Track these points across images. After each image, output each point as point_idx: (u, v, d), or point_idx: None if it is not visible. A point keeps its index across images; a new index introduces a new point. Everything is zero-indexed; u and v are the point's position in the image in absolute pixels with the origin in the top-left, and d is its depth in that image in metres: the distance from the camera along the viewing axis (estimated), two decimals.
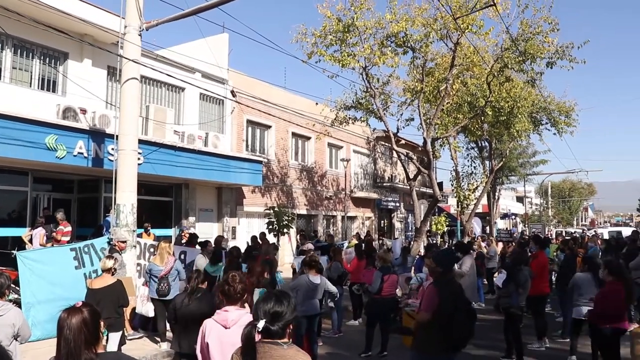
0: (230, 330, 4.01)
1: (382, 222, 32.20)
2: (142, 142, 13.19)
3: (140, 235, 12.78)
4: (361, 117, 21.28)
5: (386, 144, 29.15)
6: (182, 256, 11.41)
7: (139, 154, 12.04)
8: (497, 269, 15.49)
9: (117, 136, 10.64)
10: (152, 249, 11.02)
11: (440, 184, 31.48)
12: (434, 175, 20.16)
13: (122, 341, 7.96)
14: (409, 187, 21.59)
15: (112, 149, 12.05)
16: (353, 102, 20.26)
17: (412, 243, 19.32)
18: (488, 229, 34.70)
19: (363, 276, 10.91)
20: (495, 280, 13.15)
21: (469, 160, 31.04)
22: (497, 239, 23.41)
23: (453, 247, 17.89)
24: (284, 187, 22.72)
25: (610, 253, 13.24)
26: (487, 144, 30.97)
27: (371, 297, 9.62)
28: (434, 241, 25.86)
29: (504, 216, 53.52)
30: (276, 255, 13.57)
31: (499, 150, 30.90)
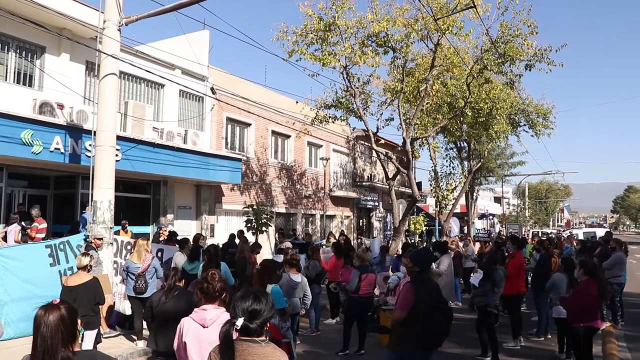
0: (208, 329, 3.99)
1: (361, 221, 32.27)
2: (121, 138, 13.07)
3: (117, 233, 12.69)
4: (341, 116, 21.31)
5: (366, 143, 29.24)
6: (160, 254, 11.31)
7: (117, 150, 11.94)
8: (474, 269, 15.62)
9: (95, 132, 10.54)
10: (129, 247, 10.93)
11: (419, 184, 31.70)
12: (412, 175, 20.27)
13: (97, 339, 7.89)
14: (388, 187, 21.70)
15: (90, 145, 11.91)
16: (333, 101, 20.28)
17: (390, 242, 19.41)
18: (466, 229, 35.01)
19: (341, 275, 10.94)
20: (471, 279, 13.25)
21: (447, 161, 31.30)
22: (475, 239, 23.62)
23: (431, 246, 18.02)
24: (263, 185, 22.67)
25: (585, 253, 13.42)
26: (465, 144, 31.28)
27: (349, 296, 9.64)
28: (412, 241, 26.02)
29: (481, 216, 54.00)
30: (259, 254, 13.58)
31: (477, 151, 31.19)
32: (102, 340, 8.54)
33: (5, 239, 11.85)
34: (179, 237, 13.32)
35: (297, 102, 21.47)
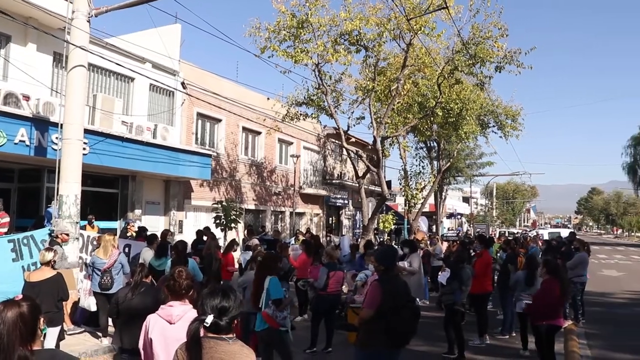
0: (174, 326, 3.95)
1: (330, 219, 32.33)
2: (89, 131, 12.86)
3: (83, 228, 12.48)
4: (312, 114, 21.32)
5: (336, 141, 29.24)
6: (127, 249, 11.16)
7: (85, 143, 11.76)
8: (441, 267, 15.78)
9: (62, 125, 10.35)
10: (95, 242, 10.75)
11: (389, 183, 31.90)
12: (382, 173, 20.37)
13: (60, 336, 7.73)
14: (357, 185, 21.76)
15: (57, 137, 11.67)
16: (305, 98, 20.27)
17: (359, 240, 19.49)
18: (434, 228, 35.37)
19: (309, 272, 10.94)
20: (439, 278, 13.38)
21: (417, 160, 31.55)
22: (443, 238, 23.86)
23: (400, 244, 18.15)
24: (232, 181, 22.54)
25: (550, 253, 13.67)
26: (435, 144, 31.60)
27: (317, 293, 9.64)
28: (381, 239, 26.15)
29: (450, 216, 54.63)
30: (237, 251, 13.52)
31: (447, 150, 31.55)
32: (66, 337, 8.38)
33: None
34: (148, 233, 13.15)
35: (268, 98, 21.41)
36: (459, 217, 59.22)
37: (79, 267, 10.39)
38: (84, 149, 11.17)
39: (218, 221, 17.50)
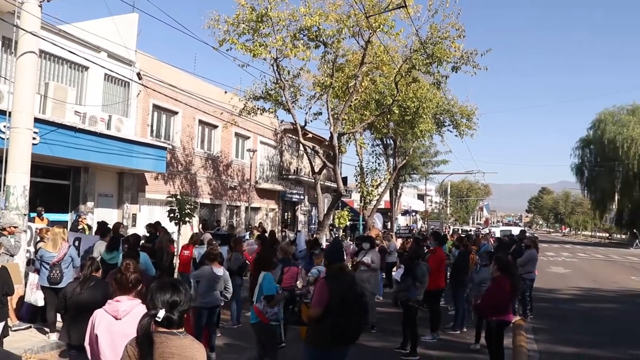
0: (121, 321, 3.85)
1: (286, 214, 32.29)
2: (39, 121, 12.48)
3: (32, 220, 12.14)
4: (270, 109, 21.21)
5: (293, 136, 29.25)
6: (77, 243, 10.90)
7: (35, 133, 11.40)
8: (397, 264, 15.97)
9: (10, 113, 10.03)
10: (37, 235, 10.46)
11: (345, 179, 32.01)
12: (339, 170, 20.44)
13: (4, 332, 7.50)
14: (314, 181, 21.79)
15: (5, 126, 11.27)
16: (262, 92, 20.14)
17: (314, 236, 19.53)
18: (389, 224, 35.71)
19: None
20: (393, 274, 13.49)
21: (373, 157, 31.78)
22: (397, 235, 24.12)
23: (355, 240, 18.26)
24: (188, 175, 22.26)
25: (501, 250, 13.99)
26: (392, 141, 31.85)
27: None
28: (336, 235, 26.25)
29: (405, 213, 55.24)
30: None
31: (403, 148, 31.86)
32: (10, 334, 8.15)
33: None
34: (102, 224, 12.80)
35: (225, 92, 21.20)
36: (413, 214, 59.99)
37: (25, 260, 10.11)
38: (34, 138, 10.84)
39: (172, 215, 17.24)
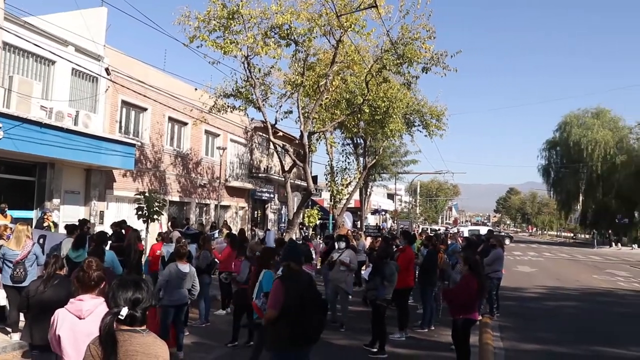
0: (84, 321, 3.79)
1: (256, 212, 32.18)
2: (3, 115, 12.25)
3: None
4: (240, 106, 21.12)
5: (263, 134, 29.16)
6: (42, 240, 10.69)
7: None
8: (366, 263, 16.02)
9: None
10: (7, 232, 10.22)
11: (315, 178, 32.08)
12: (309, 168, 20.43)
13: None
14: (284, 179, 21.75)
15: None
16: (233, 90, 20.03)
17: (284, 234, 19.50)
18: (359, 223, 35.86)
19: (233, 266, 10.87)
20: (362, 273, 13.54)
21: (344, 156, 31.83)
22: (366, 234, 24.22)
23: (325, 239, 18.31)
24: (157, 172, 22.02)
25: (469, 249, 14.12)
26: (362, 141, 32.02)
27: (239, 287, 9.55)
28: (306, 233, 26.24)
29: (374, 212, 55.56)
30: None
31: (373, 148, 32.03)
32: None
33: None
34: (68, 224, 12.56)
35: (196, 89, 21.03)
36: (383, 213, 60.32)
37: None
38: None
39: (140, 212, 17.03)
